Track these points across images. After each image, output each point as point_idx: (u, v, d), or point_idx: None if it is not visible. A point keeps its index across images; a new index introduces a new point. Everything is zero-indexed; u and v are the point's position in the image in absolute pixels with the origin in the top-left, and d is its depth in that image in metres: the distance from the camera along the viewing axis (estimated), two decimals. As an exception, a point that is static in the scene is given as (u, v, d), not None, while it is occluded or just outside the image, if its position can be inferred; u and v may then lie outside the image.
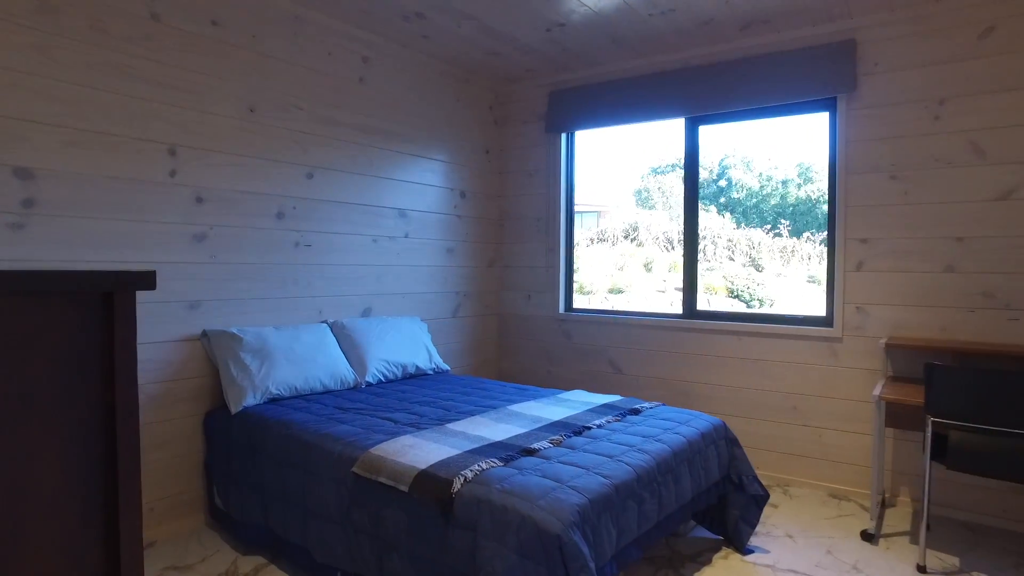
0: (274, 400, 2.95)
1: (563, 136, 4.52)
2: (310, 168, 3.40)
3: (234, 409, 2.82)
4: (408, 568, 1.98)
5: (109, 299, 1.07)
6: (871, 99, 3.36)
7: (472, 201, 4.55)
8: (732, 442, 2.76)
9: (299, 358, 3.08)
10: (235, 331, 2.97)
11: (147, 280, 1.13)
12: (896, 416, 3.22)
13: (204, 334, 2.97)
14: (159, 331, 2.80)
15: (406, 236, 4.02)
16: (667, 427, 2.56)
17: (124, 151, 2.64)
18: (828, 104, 3.54)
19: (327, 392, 3.15)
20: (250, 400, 2.85)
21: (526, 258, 4.67)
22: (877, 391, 2.84)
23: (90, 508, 1.01)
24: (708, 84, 3.83)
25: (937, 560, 2.66)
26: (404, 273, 4.02)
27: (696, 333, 3.90)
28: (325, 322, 3.48)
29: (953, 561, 2.65)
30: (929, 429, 2.55)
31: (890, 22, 3.28)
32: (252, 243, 3.14)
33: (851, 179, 3.42)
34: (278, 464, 2.52)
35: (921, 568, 2.54)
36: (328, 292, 3.53)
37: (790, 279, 3.83)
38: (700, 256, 4.03)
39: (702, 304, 4.09)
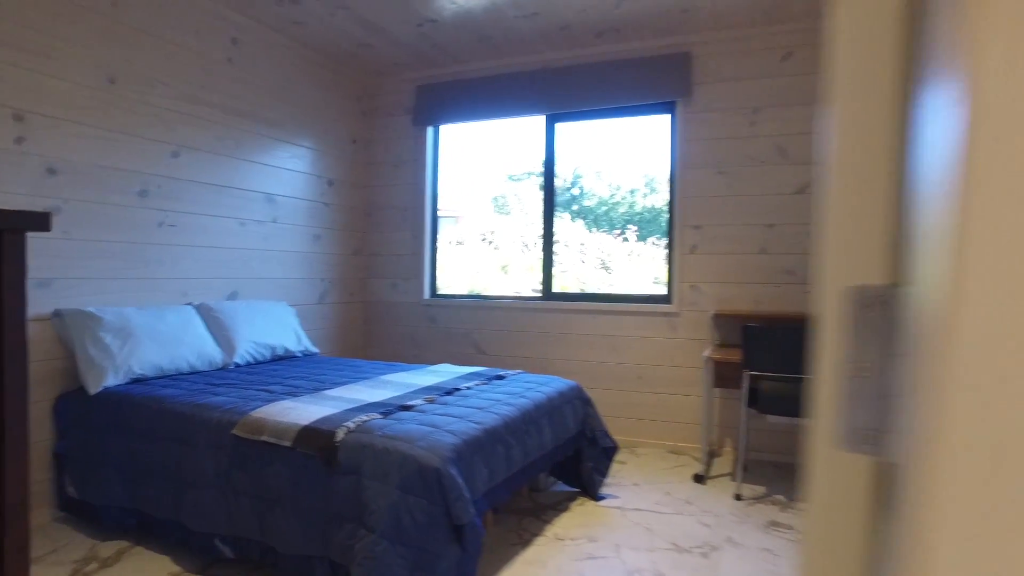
0: (137, 380, 2.88)
1: (429, 129, 4.71)
2: (175, 147, 3.33)
3: (93, 390, 2.72)
4: (291, 521, 2.08)
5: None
6: (702, 105, 3.87)
7: (339, 189, 4.61)
8: (586, 402, 3.09)
9: (165, 338, 3.02)
10: (93, 310, 2.87)
11: (40, 221, 1.18)
12: (722, 377, 3.73)
13: (56, 314, 2.83)
14: None
15: (274, 221, 4.02)
16: (529, 387, 2.84)
17: (-33, 116, 2.49)
18: (669, 107, 4.02)
19: (195, 372, 3.11)
20: (111, 380, 2.77)
21: (392, 246, 4.80)
22: (706, 354, 3.30)
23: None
24: (565, 84, 4.20)
25: (750, 490, 3.16)
26: (271, 258, 4.01)
27: (553, 313, 4.25)
28: (191, 304, 3.42)
29: (761, 490, 3.17)
30: (746, 382, 3.03)
31: (716, 40, 3.82)
32: (112, 221, 3.04)
33: (687, 173, 3.92)
34: (149, 440, 2.49)
35: (737, 496, 3.02)
36: (194, 274, 3.47)
37: (637, 281, 4.29)
38: (555, 259, 4.40)
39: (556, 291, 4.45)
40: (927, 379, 0.28)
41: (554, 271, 4.36)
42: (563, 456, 2.87)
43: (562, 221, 4.46)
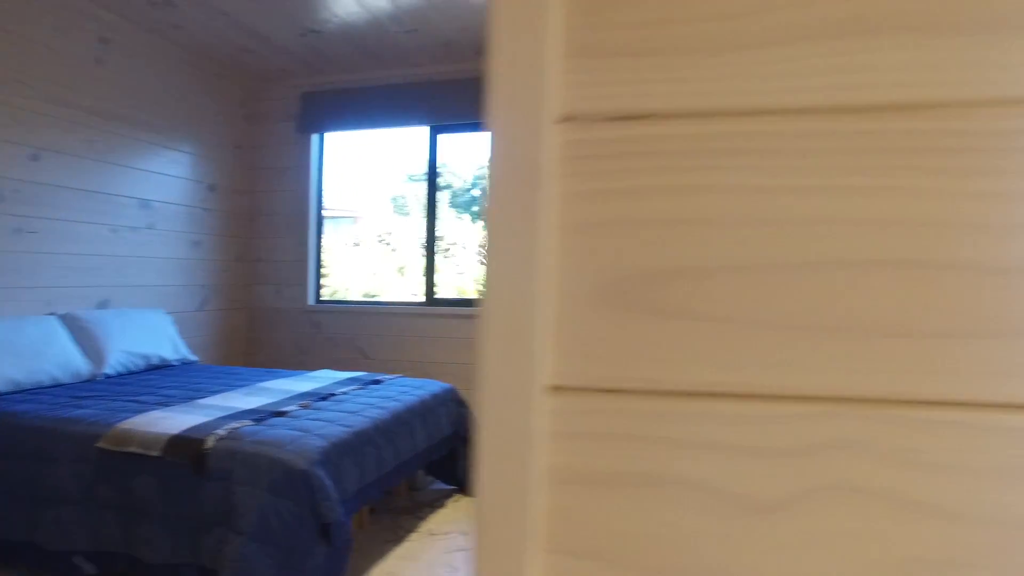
0: (-8, 395, 2.76)
1: (315, 136, 4.73)
2: (35, 149, 3.20)
3: (-61, 407, 2.59)
4: (159, 532, 2.11)
5: None
6: (573, 124, 4.14)
7: (221, 195, 4.54)
8: (461, 403, 3.26)
9: (22, 351, 2.91)
10: (-59, 322, 2.73)
11: None
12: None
13: (-101, 325, 2.67)
14: None
15: (149, 227, 3.92)
16: (404, 391, 2.97)
17: None
18: (543, 125, 4.26)
19: (58, 385, 3.01)
20: (-40, 397, 2.65)
21: (277, 252, 4.78)
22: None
23: None
24: (448, 98, 4.35)
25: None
26: (147, 265, 3.91)
27: (436, 318, 4.40)
28: (54, 314, 3.29)
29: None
30: (607, 382, 3.31)
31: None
32: (-38, 227, 2.89)
33: (560, 188, 4.17)
34: (0, 459, 2.41)
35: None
36: (58, 283, 3.34)
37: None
38: (450, 259, 4.54)
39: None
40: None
41: (436, 278, 4.50)
42: (438, 456, 3.02)
43: (461, 222, 4.59)
